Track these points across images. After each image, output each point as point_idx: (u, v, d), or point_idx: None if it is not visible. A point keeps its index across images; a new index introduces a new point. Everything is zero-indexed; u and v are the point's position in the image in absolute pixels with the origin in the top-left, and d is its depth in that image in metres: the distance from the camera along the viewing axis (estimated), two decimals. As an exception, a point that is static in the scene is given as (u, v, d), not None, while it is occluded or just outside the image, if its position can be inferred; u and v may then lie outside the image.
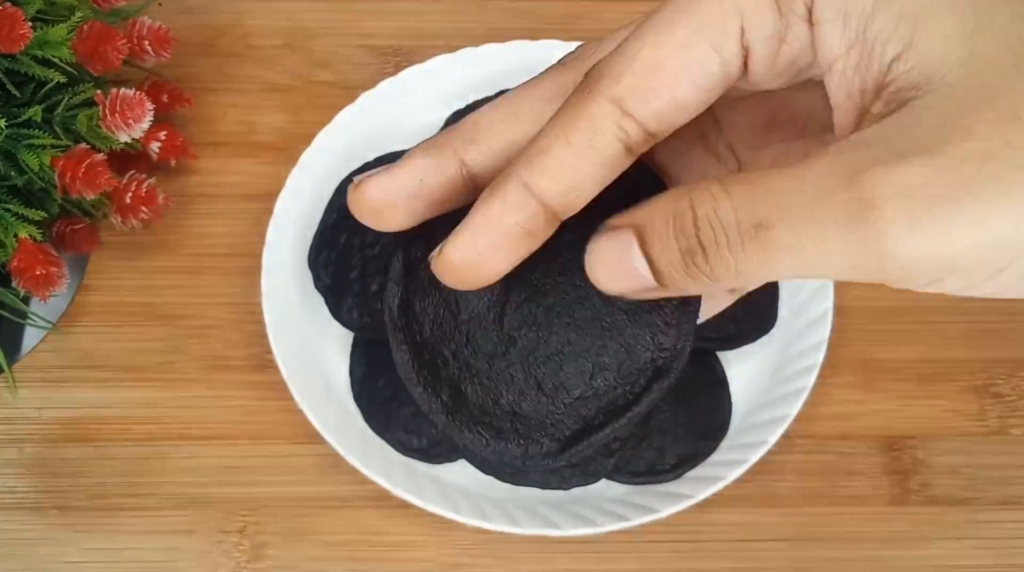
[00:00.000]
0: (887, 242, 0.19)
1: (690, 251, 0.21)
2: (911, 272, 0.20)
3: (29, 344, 0.52)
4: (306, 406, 0.47)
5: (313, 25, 0.61)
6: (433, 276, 0.25)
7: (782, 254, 0.20)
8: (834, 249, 0.20)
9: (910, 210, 0.19)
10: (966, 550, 0.48)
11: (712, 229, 0.21)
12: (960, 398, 0.52)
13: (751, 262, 0.21)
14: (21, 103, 0.48)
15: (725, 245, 0.21)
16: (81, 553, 0.48)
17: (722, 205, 0.21)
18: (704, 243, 0.21)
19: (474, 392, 0.26)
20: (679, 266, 0.22)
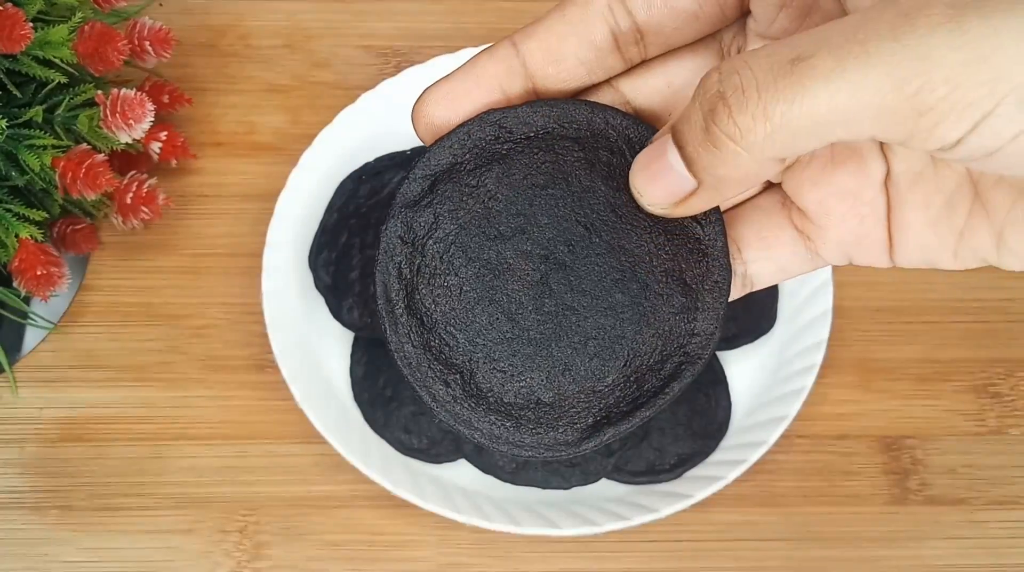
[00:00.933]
0: (934, 44, 0.18)
1: (711, 110, 0.20)
2: (959, 83, 0.18)
3: (30, 344, 0.52)
4: (306, 406, 0.47)
5: (313, 25, 0.61)
6: (446, 249, 0.25)
7: (818, 81, 0.19)
8: (877, 66, 0.18)
9: (958, 13, 0.18)
10: (964, 549, 0.48)
11: (739, 76, 0.19)
12: (959, 398, 0.52)
13: (783, 98, 0.19)
14: (22, 103, 0.48)
15: (753, 88, 0.19)
16: (81, 553, 0.48)
17: (752, 56, 0.20)
18: (726, 93, 0.19)
19: (488, 379, 0.25)
20: (701, 132, 0.20)
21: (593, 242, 0.25)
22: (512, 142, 0.25)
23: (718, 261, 0.25)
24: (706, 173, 0.21)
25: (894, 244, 0.25)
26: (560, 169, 0.25)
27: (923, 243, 0.24)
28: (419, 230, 0.25)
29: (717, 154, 0.20)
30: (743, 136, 0.19)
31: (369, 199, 0.52)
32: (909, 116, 0.19)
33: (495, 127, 0.25)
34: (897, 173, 0.24)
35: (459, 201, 0.25)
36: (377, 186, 0.52)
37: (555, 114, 0.25)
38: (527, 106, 0.25)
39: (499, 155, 0.25)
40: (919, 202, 0.24)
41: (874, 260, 0.25)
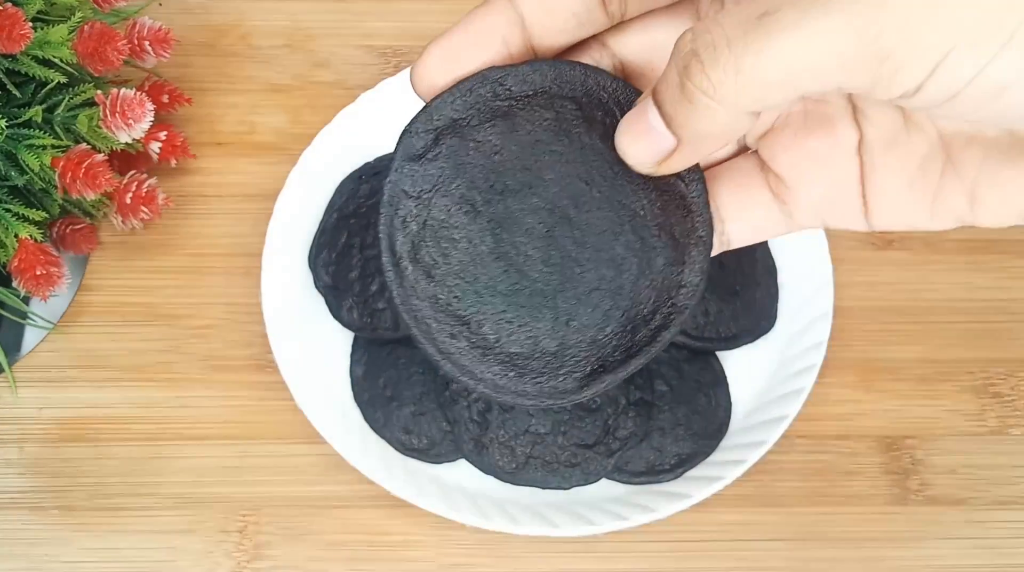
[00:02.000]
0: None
1: (685, 68, 0.21)
2: (914, 28, 0.19)
3: (29, 344, 0.52)
4: (306, 406, 0.47)
5: (313, 25, 0.61)
6: (454, 203, 0.25)
7: (784, 32, 0.19)
8: (838, 15, 0.19)
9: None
10: (965, 550, 0.48)
11: (710, 34, 0.20)
12: (959, 398, 0.52)
13: (752, 50, 0.20)
14: (22, 103, 0.48)
15: (724, 44, 0.20)
16: (81, 553, 0.48)
17: (723, 14, 0.20)
18: (699, 50, 0.20)
19: (496, 330, 0.25)
20: (677, 90, 0.21)
21: (593, 197, 0.25)
22: (512, 99, 0.25)
23: (702, 217, 0.26)
24: (684, 130, 0.22)
25: (869, 208, 0.26)
26: (561, 126, 0.25)
27: (899, 205, 0.25)
28: (424, 184, 0.25)
29: (693, 109, 0.21)
30: (716, 90, 0.20)
31: (369, 199, 0.52)
32: (871, 62, 0.19)
33: (495, 84, 0.25)
34: (870, 139, 0.25)
35: (465, 156, 0.25)
36: (377, 186, 0.52)
37: (553, 73, 0.25)
38: (526, 65, 0.25)
39: (501, 111, 0.25)
40: (893, 166, 0.25)
41: (849, 223, 0.26)
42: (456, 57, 0.25)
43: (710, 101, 0.21)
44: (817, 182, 0.26)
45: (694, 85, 0.21)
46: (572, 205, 0.25)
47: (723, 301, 0.50)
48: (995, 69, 0.19)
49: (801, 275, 0.51)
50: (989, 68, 0.19)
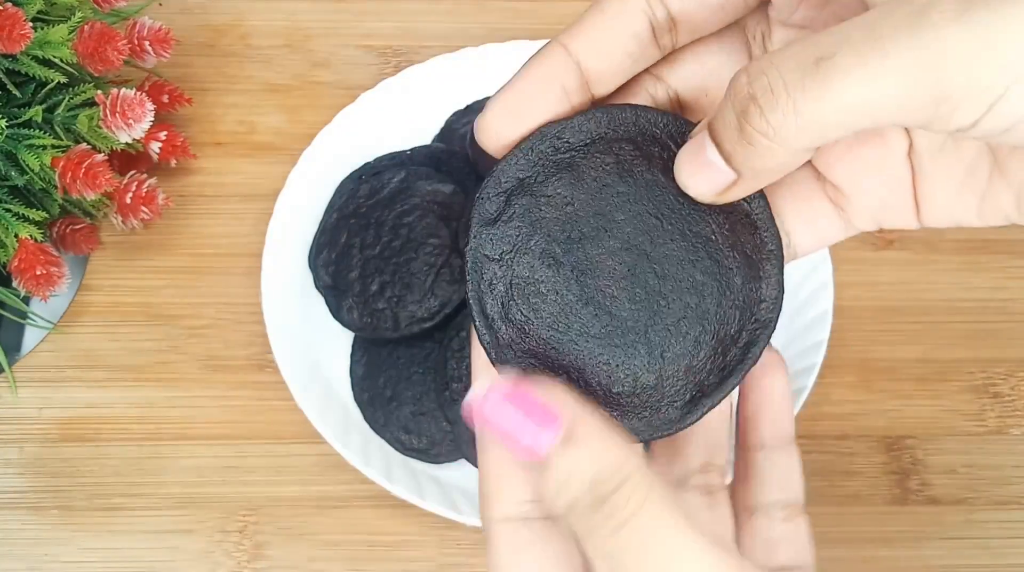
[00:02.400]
0: (947, 37, 0.19)
1: (743, 111, 0.21)
2: (972, 70, 0.19)
3: (29, 344, 0.52)
4: (306, 406, 0.47)
5: (313, 25, 0.61)
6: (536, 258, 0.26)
7: (843, 77, 0.20)
8: (896, 61, 0.20)
9: (967, 7, 0.19)
10: (965, 550, 0.48)
11: (767, 77, 0.21)
12: (959, 398, 0.52)
13: (810, 96, 0.20)
14: (22, 103, 0.48)
15: (782, 88, 0.21)
16: (81, 553, 0.48)
17: (777, 57, 0.21)
18: (756, 94, 0.21)
19: (596, 374, 0.26)
20: (735, 132, 0.22)
21: (666, 229, 0.26)
22: (573, 150, 0.26)
23: (769, 231, 0.26)
24: (744, 166, 0.23)
25: (920, 208, 0.27)
26: (623, 168, 0.26)
27: (948, 206, 0.26)
28: (504, 245, 0.26)
29: (752, 150, 0.22)
30: (776, 132, 0.21)
31: (369, 199, 0.52)
32: (928, 104, 0.20)
33: (554, 139, 0.26)
34: (920, 146, 0.26)
35: (538, 212, 0.26)
36: (377, 186, 0.52)
37: (606, 119, 0.26)
38: (580, 115, 0.26)
39: (565, 163, 0.26)
40: (942, 171, 0.26)
41: (903, 223, 0.27)
42: (519, 109, 0.26)
43: (770, 143, 0.21)
44: (873, 189, 0.27)
45: (753, 128, 0.21)
46: (647, 241, 0.26)
47: (723, 301, 0.50)
48: None
49: (801, 275, 0.51)
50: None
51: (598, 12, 0.25)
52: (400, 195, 0.52)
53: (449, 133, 0.55)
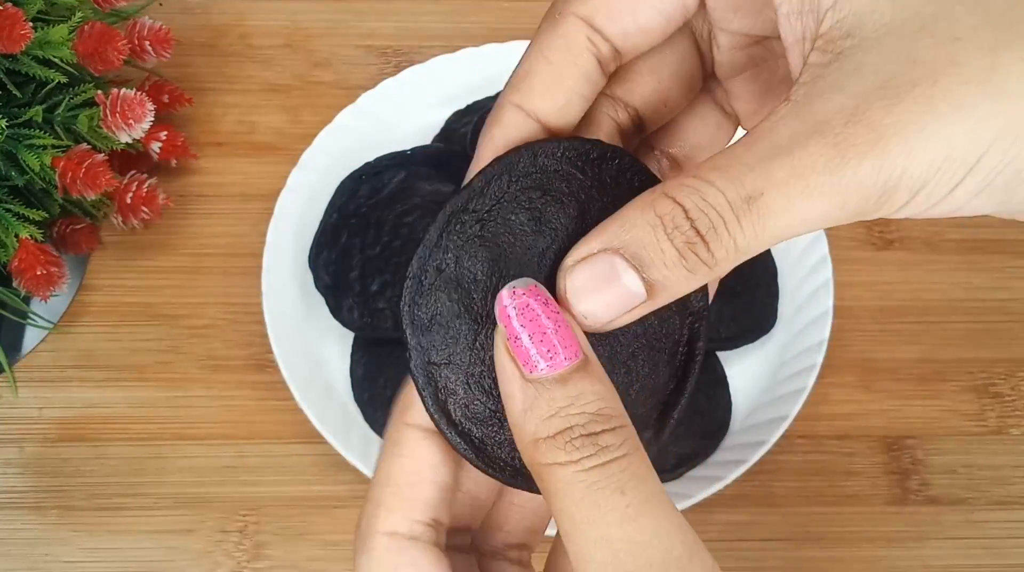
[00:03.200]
0: (865, 173, 0.21)
1: (689, 243, 0.22)
2: (887, 194, 0.21)
3: (29, 344, 0.52)
4: (306, 406, 0.47)
5: (313, 25, 0.61)
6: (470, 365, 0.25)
7: (776, 216, 0.21)
8: (820, 196, 0.21)
9: (879, 140, 0.21)
10: (965, 549, 0.48)
11: (707, 215, 0.22)
12: (959, 398, 0.52)
13: (749, 234, 0.22)
14: (22, 103, 0.48)
15: (723, 226, 0.21)
16: (80, 553, 0.48)
17: (708, 192, 0.22)
18: (702, 231, 0.22)
19: None
20: (677, 265, 0.22)
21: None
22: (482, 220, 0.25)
23: None
24: (667, 291, 0.23)
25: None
26: (537, 222, 0.25)
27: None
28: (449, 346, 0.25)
29: (691, 277, 0.22)
30: (717, 263, 0.22)
31: (369, 199, 0.52)
32: (846, 219, 0.22)
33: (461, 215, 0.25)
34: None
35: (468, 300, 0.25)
36: (377, 186, 0.52)
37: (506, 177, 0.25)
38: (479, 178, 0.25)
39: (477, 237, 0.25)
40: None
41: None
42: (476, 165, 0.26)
43: (710, 271, 0.22)
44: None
45: (700, 259, 0.22)
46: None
47: (723, 301, 0.50)
48: (945, 206, 0.22)
49: (801, 275, 0.51)
50: (940, 205, 0.22)
51: (544, 62, 0.25)
52: (400, 195, 0.52)
53: (449, 133, 0.55)
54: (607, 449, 0.22)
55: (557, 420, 0.22)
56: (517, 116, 0.25)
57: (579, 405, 0.22)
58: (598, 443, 0.22)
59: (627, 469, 0.22)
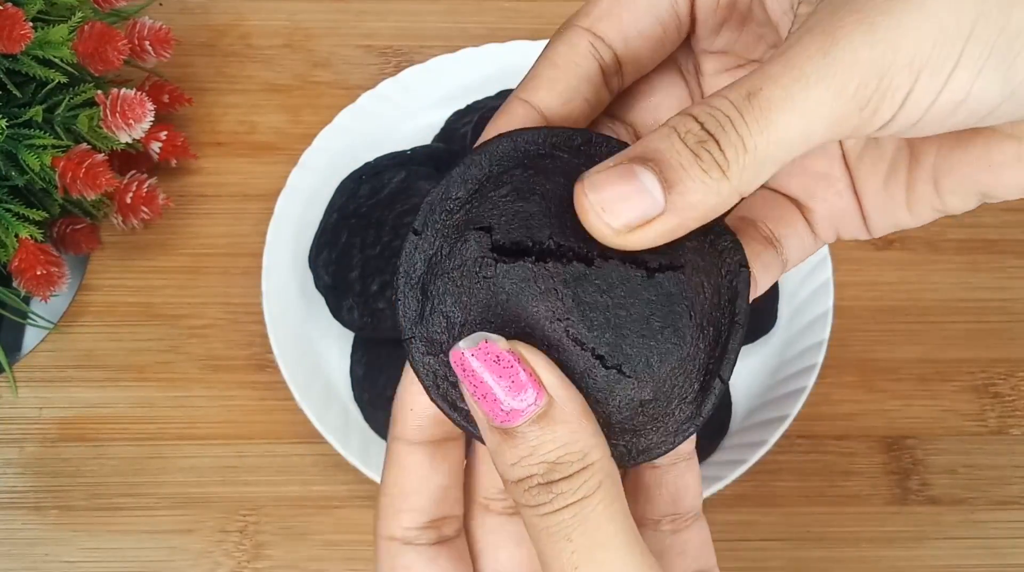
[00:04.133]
0: (856, 49, 0.22)
1: (701, 142, 0.22)
2: (886, 76, 0.22)
3: (29, 344, 0.52)
4: (306, 406, 0.47)
5: (313, 25, 0.61)
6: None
7: (777, 109, 0.22)
8: (817, 81, 0.22)
9: (865, 19, 0.22)
10: (965, 550, 0.48)
11: (714, 117, 0.22)
12: (959, 398, 0.52)
13: (754, 130, 0.22)
14: (22, 103, 0.48)
15: (729, 124, 0.22)
16: (80, 552, 0.48)
17: (715, 100, 0.23)
18: (711, 130, 0.22)
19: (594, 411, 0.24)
20: (692, 164, 0.22)
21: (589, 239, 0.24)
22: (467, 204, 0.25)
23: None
24: (683, 197, 0.23)
25: (865, 214, 0.29)
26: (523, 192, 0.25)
27: (881, 205, 0.28)
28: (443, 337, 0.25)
29: (705, 178, 0.22)
30: (729, 165, 0.22)
31: (369, 199, 0.52)
32: (853, 112, 0.22)
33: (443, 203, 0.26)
34: (848, 148, 0.29)
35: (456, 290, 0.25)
36: (377, 186, 0.52)
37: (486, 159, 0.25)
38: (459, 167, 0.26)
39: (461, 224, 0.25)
40: (869, 168, 0.28)
41: (855, 232, 0.29)
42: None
43: (722, 174, 0.22)
44: (828, 196, 0.29)
45: (713, 157, 0.22)
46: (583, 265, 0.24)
47: (723, 301, 0.50)
48: (949, 91, 0.22)
49: (801, 275, 0.51)
50: (944, 91, 0.22)
51: (549, 65, 0.27)
52: (400, 195, 0.52)
53: (449, 133, 0.55)
54: (562, 495, 0.23)
55: (519, 468, 0.23)
56: (522, 108, 0.26)
57: (538, 455, 0.23)
58: (553, 491, 0.23)
59: (578, 515, 0.23)
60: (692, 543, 0.29)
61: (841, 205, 0.29)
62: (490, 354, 0.23)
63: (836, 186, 0.29)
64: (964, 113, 0.23)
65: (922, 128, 0.23)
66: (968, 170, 0.26)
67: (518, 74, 0.62)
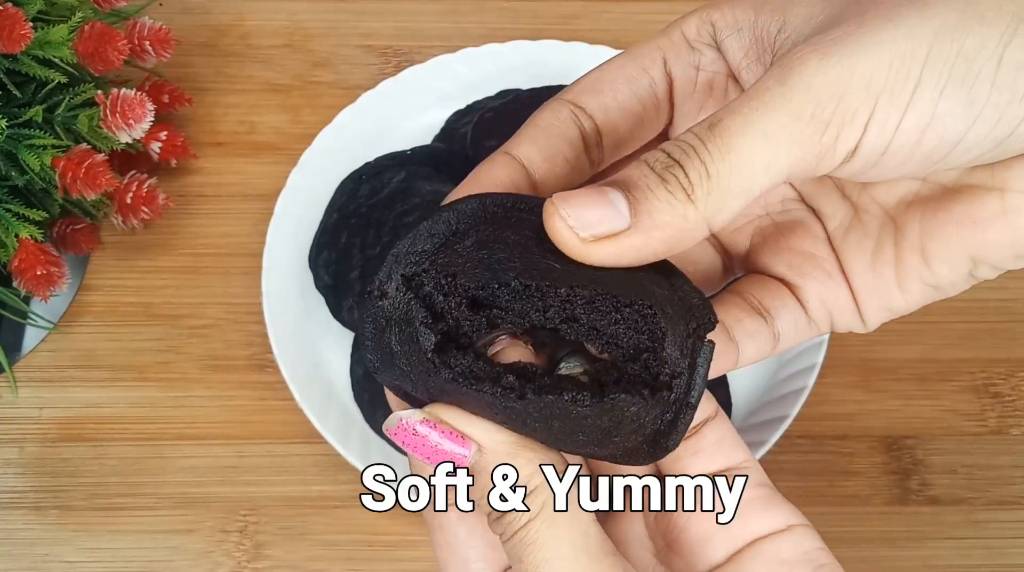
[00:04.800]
0: (811, 75, 0.23)
1: (667, 167, 0.24)
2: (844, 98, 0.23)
3: (29, 344, 0.52)
4: (306, 406, 0.47)
5: (313, 25, 0.61)
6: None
7: (737, 135, 0.23)
8: (774, 109, 0.23)
9: (819, 47, 0.23)
10: (965, 550, 0.48)
11: (680, 146, 0.24)
12: (959, 398, 0.52)
13: (716, 155, 0.23)
14: (22, 103, 0.48)
15: (692, 152, 0.23)
16: (80, 553, 0.48)
17: (682, 134, 0.24)
18: (677, 158, 0.24)
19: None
20: (659, 186, 0.24)
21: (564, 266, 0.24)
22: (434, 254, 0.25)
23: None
24: (648, 216, 0.24)
25: (857, 300, 0.29)
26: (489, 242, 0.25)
27: (872, 287, 0.29)
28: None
29: (670, 199, 0.23)
30: (694, 189, 0.23)
31: (369, 199, 0.52)
32: (813, 137, 0.23)
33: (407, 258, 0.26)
34: (832, 229, 0.29)
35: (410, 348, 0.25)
36: (377, 186, 0.52)
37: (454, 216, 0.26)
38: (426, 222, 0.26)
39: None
40: (855, 247, 0.29)
41: (849, 320, 0.30)
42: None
43: (686, 198, 0.23)
44: (816, 275, 0.29)
45: (678, 181, 0.23)
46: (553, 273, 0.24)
47: (723, 301, 0.50)
48: (912, 115, 0.23)
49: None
50: (907, 115, 0.23)
51: (533, 126, 0.28)
52: (400, 195, 0.52)
53: (449, 133, 0.55)
54: (511, 524, 0.25)
55: (485, 508, 0.26)
56: (504, 158, 0.28)
57: (483, 493, 0.25)
58: (502, 522, 0.25)
59: (524, 538, 0.25)
60: (706, 439, 0.29)
61: (831, 286, 0.29)
62: (407, 429, 0.25)
63: (824, 266, 0.29)
64: (933, 140, 0.23)
65: (892, 160, 0.24)
66: (954, 230, 0.27)
67: (517, 74, 0.62)
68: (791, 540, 0.28)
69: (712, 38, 0.28)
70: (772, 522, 0.28)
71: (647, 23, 0.61)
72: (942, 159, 0.24)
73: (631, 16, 0.62)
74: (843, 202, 0.30)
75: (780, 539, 0.28)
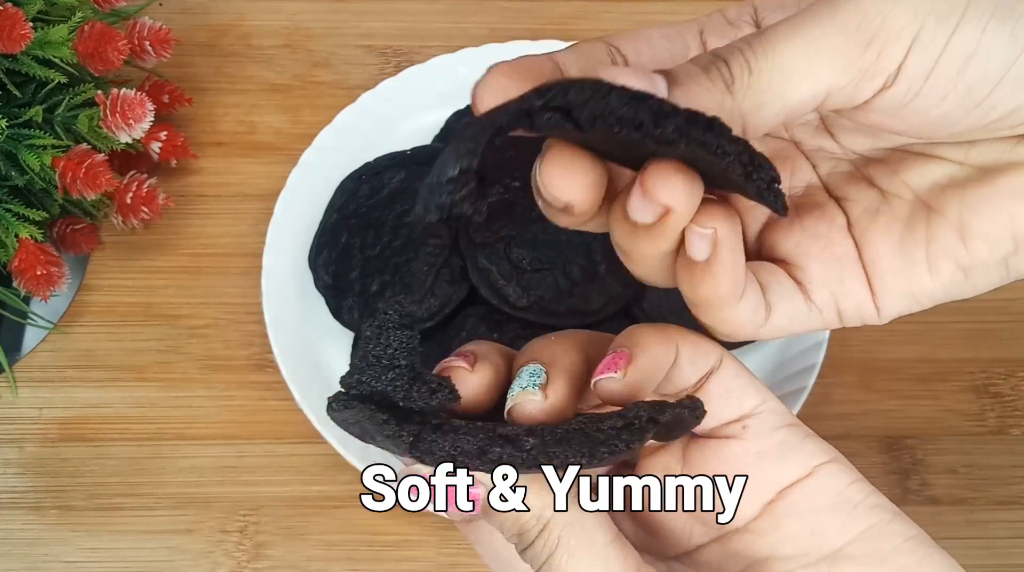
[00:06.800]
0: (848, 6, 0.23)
1: (711, 62, 0.24)
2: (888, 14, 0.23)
3: (29, 344, 0.52)
4: (306, 406, 0.47)
5: (313, 25, 0.61)
6: None
7: (783, 39, 0.23)
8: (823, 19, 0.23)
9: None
10: (965, 550, 0.48)
11: (727, 48, 0.24)
12: (959, 398, 0.52)
13: (759, 53, 0.24)
14: (22, 103, 0.48)
15: (738, 50, 0.24)
16: (80, 553, 0.48)
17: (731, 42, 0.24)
18: (722, 54, 0.24)
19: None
20: (699, 73, 0.24)
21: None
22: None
23: None
24: (685, 95, 0.24)
25: (874, 287, 0.28)
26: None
27: (898, 268, 0.28)
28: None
29: (709, 86, 0.24)
30: (734, 81, 0.24)
31: (369, 199, 0.52)
32: (856, 50, 0.23)
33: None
34: (856, 216, 0.28)
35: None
36: (377, 186, 0.52)
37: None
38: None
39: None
40: (880, 232, 0.28)
41: (861, 309, 0.29)
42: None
43: (724, 88, 0.24)
44: (823, 258, 0.28)
45: (719, 71, 0.24)
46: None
47: (723, 301, 0.50)
48: (958, 40, 0.23)
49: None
50: (953, 39, 0.23)
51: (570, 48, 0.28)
52: (400, 195, 0.52)
53: (449, 133, 0.55)
54: (535, 559, 0.26)
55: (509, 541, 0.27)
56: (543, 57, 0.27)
57: (507, 532, 0.26)
58: (527, 557, 0.26)
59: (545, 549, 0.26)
60: (713, 392, 0.29)
61: (838, 270, 0.28)
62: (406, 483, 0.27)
63: (834, 249, 0.28)
64: (976, 71, 0.23)
65: (933, 92, 0.24)
66: (999, 203, 0.26)
67: (518, 74, 0.61)
68: (818, 484, 0.28)
69: (753, 18, 0.29)
70: (796, 468, 0.29)
71: (647, 23, 0.61)
72: (983, 100, 0.24)
73: (631, 16, 0.62)
74: (871, 189, 0.29)
75: (809, 485, 0.28)
